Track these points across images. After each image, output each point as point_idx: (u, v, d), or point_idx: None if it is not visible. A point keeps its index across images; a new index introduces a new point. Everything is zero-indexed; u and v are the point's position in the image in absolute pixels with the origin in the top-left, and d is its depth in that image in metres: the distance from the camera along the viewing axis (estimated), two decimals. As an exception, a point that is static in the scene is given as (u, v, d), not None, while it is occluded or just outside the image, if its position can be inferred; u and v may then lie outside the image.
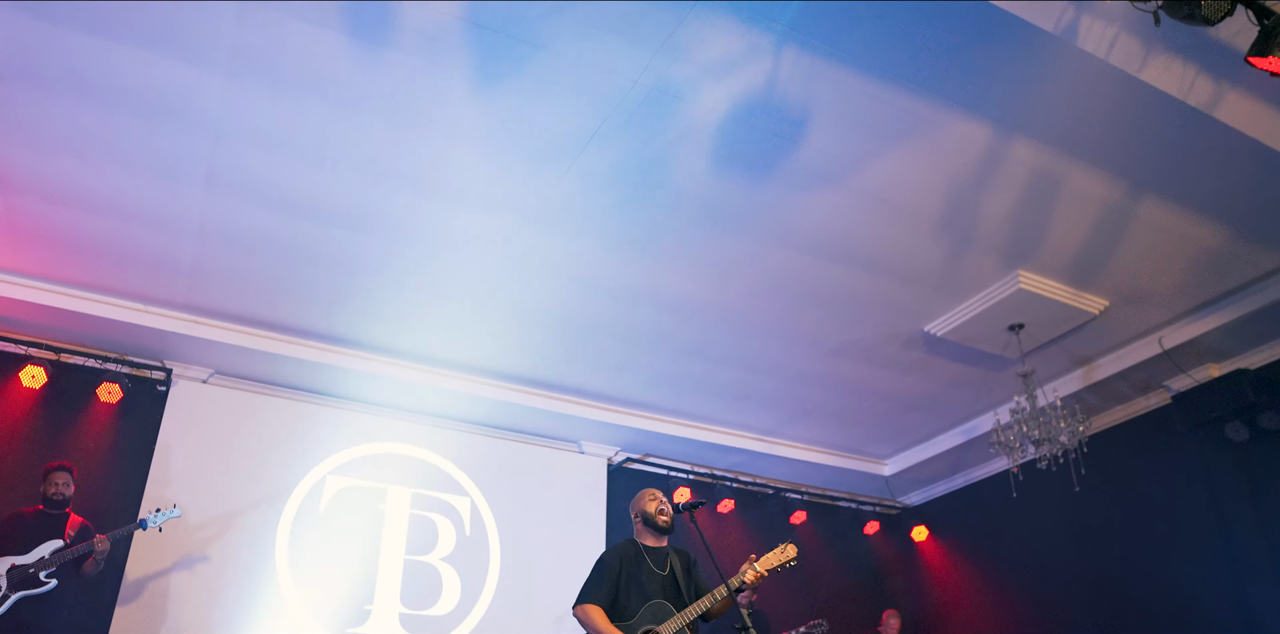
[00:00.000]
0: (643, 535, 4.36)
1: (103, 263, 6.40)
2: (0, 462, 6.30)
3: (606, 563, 4.25)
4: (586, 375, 7.79)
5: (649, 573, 4.17)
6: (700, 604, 3.95)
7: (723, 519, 8.85)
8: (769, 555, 4.08)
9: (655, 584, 4.13)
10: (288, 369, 7.46)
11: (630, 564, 4.21)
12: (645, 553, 4.27)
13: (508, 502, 8.09)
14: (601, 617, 4.05)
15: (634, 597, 4.06)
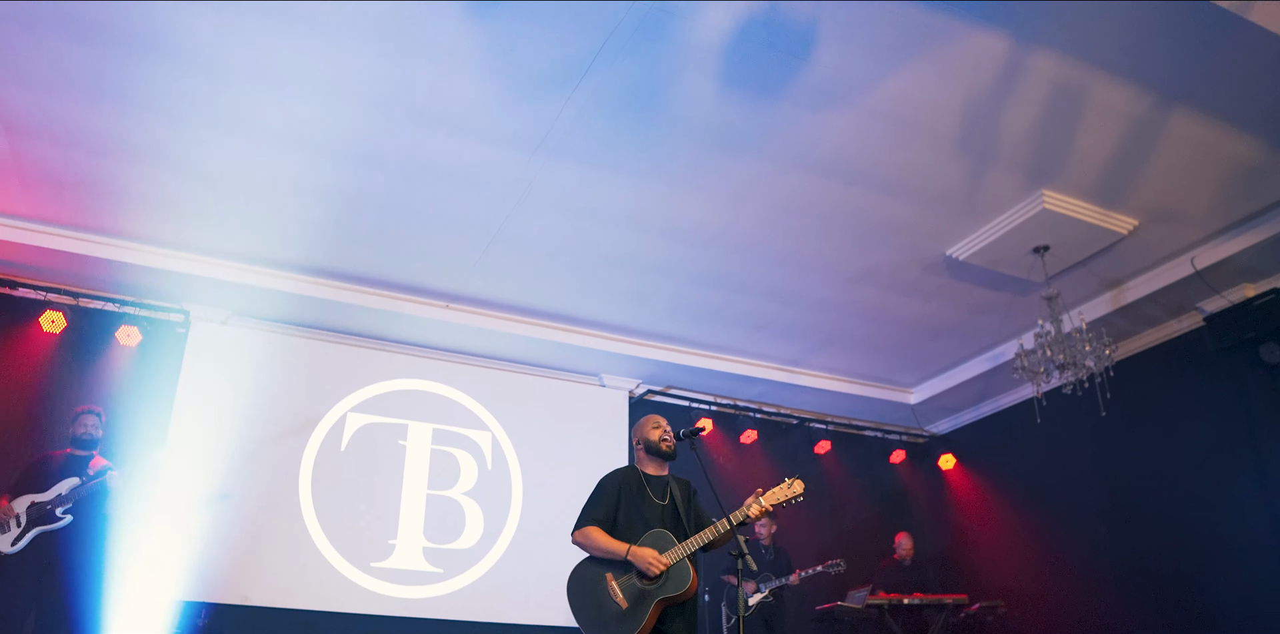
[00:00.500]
0: (644, 463, 4.31)
1: (112, 206, 6.39)
2: (24, 405, 6.39)
3: (605, 488, 4.21)
4: (603, 307, 7.73)
5: (649, 502, 4.13)
6: (703, 536, 3.91)
7: (745, 450, 8.84)
8: (775, 490, 4.01)
9: (655, 513, 4.09)
10: (305, 309, 7.49)
11: (630, 491, 4.17)
12: (646, 481, 4.21)
13: (529, 436, 8.13)
14: (602, 534, 4.03)
15: (634, 524, 4.02)
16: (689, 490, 4.32)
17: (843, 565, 7.24)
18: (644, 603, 3.80)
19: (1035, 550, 8.27)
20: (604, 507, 4.13)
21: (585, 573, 4.05)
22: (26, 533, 5.32)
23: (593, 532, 4.05)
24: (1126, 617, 7.26)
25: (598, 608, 3.89)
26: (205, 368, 7.27)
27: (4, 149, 5.80)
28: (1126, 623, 7.24)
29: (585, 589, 3.98)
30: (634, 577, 3.88)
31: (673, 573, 3.85)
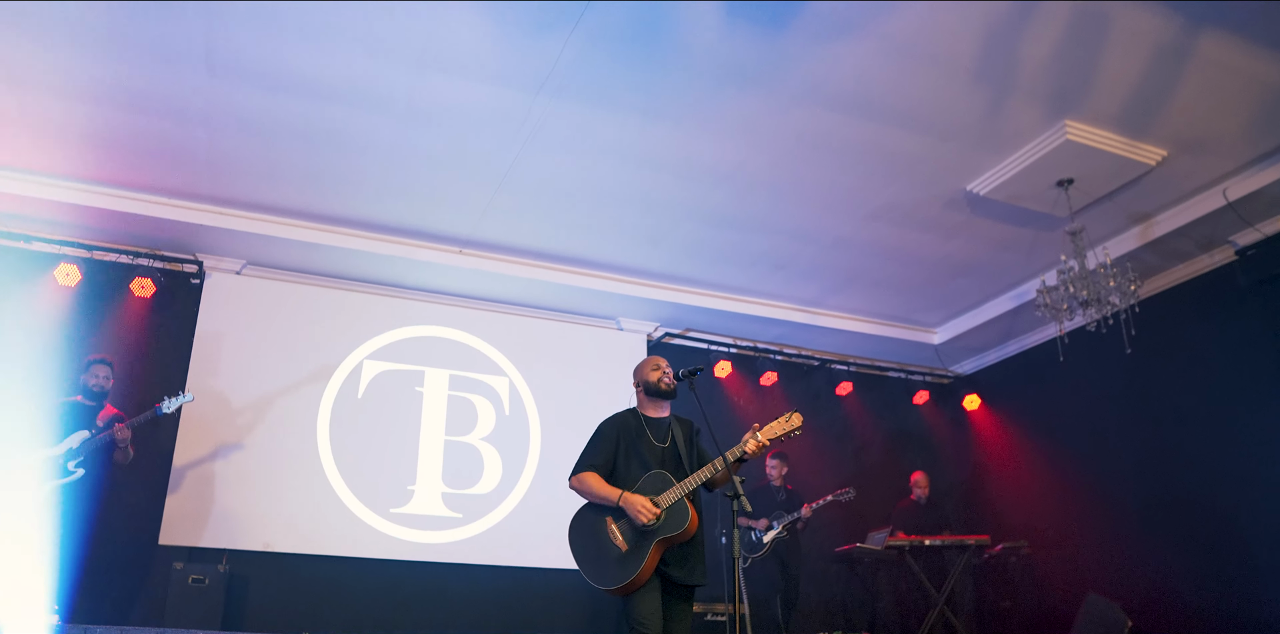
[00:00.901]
0: (644, 406, 4.23)
1: (121, 157, 6.36)
2: (39, 358, 6.42)
3: (603, 432, 4.15)
4: (618, 250, 7.63)
5: (649, 444, 4.05)
6: (699, 475, 3.83)
7: (765, 392, 8.78)
8: (772, 424, 3.92)
9: (655, 455, 4.02)
10: (319, 257, 7.46)
11: (629, 435, 4.09)
12: (646, 424, 4.13)
13: (546, 381, 8.11)
14: (598, 479, 3.98)
15: (633, 467, 3.96)
16: (691, 431, 4.23)
17: (852, 493, 7.19)
18: (643, 544, 3.76)
19: (1061, 491, 8.18)
20: (602, 451, 4.07)
21: (586, 517, 4.01)
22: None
23: (588, 477, 4.00)
24: (1156, 557, 7.18)
25: (598, 551, 3.85)
26: (221, 318, 7.30)
27: (9, 103, 5.76)
28: (1156, 563, 7.16)
29: (586, 533, 3.95)
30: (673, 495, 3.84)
31: (671, 513, 3.78)
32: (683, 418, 4.29)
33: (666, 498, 3.82)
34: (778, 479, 7.61)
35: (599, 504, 3.99)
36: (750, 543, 7.24)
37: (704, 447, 4.20)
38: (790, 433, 3.91)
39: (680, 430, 4.17)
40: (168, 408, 5.66)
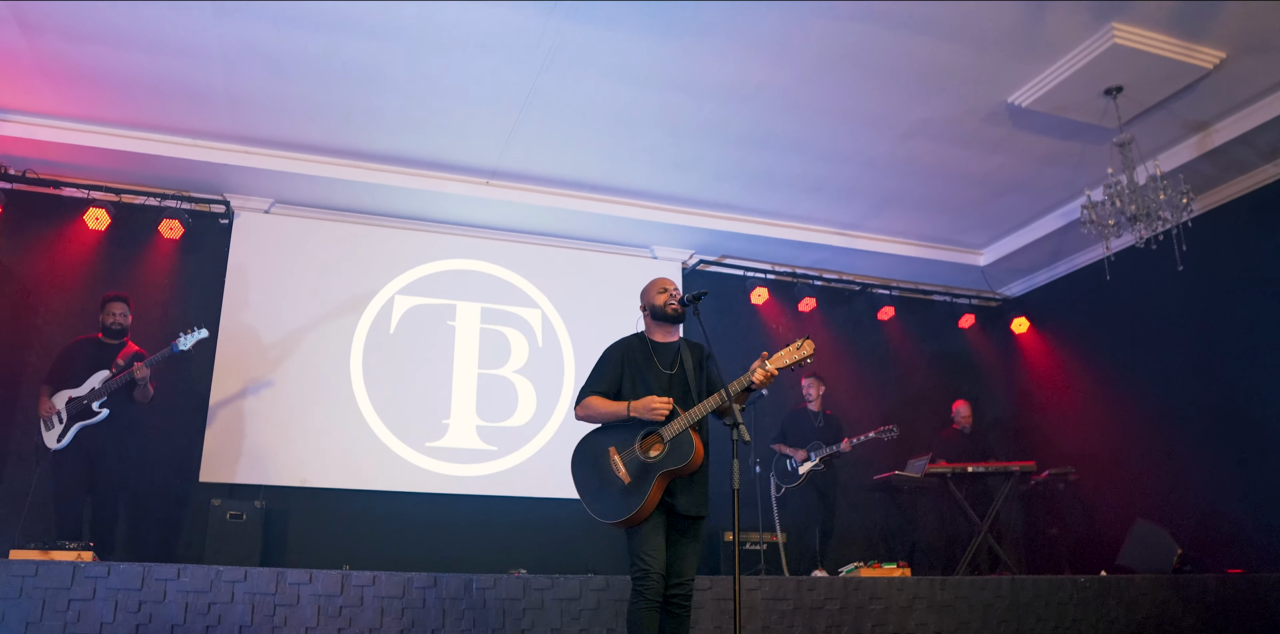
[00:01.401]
0: (652, 330, 4.03)
1: (141, 99, 6.31)
2: (72, 302, 6.47)
3: (608, 358, 3.97)
4: (648, 176, 7.41)
5: (655, 370, 3.87)
6: (705, 405, 3.65)
7: (804, 318, 8.57)
8: (781, 353, 3.70)
9: (662, 382, 3.82)
10: (346, 193, 7.39)
11: (636, 360, 3.91)
12: (653, 349, 3.94)
13: (580, 312, 8.00)
14: (602, 399, 3.82)
15: (639, 394, 3.78)
16: (701, 356, 4.01)
17: (895, 431, 7.02)
18: (647, 477, 3.62)
19: (1111, 416, 7.90)
20: (606, 378, 3.91)
21: (588, 448, 3.87)
22: (69, 429, 5.45)
23: (593, 400, 3.84)
24: (1209, 483, 6.93)
25: (601, 483, 3.73)
26: (251, 257, 7.30)
27: (25, 50, 5.71)
28: (1209, 490, 6.92)
29: (588, 465, 3.82)
30: (636, 449, 3.69)
31: (675, 444, 3.63)
32: (694, 342, 4.07)
33: (671, 429, 3.66)
34: (815, 403, 7.43)
35: (601, 433, 3.84)
36: (786, 472, 7.14)
37: (715, 373, 4.00)
38: (802, 361, 3.70)
39: (690, 356, 3.97)
40: (184, 344, 5.66)
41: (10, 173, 6.74)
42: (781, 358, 3.67)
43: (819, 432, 7.23)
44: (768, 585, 5.19)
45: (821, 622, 5.21)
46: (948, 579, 5.64)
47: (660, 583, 3.62)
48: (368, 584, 4.54)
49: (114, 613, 4.22)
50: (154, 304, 6.98)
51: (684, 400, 3.78)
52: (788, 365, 3.68)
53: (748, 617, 5.07)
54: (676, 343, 4.02)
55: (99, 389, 5.52)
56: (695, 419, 3.65)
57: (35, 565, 4.23)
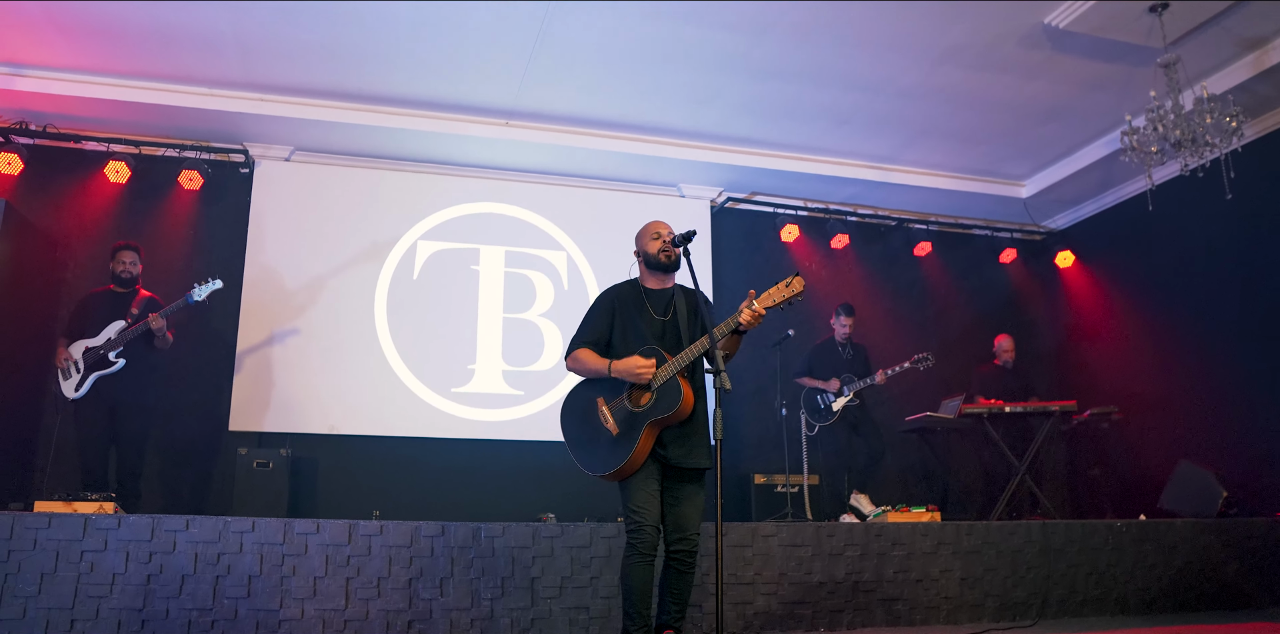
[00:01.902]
0: (645, 277, 3.88)
1: (154, 49, 6.27)
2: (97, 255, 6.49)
3: (598, 307, 3.84)
4: (670, 112, 7.20)
5: (647, 318, 3.72)
6: (691, 350, 3.50)
7: (837, 256, 8.34)
8: (771, 291, 3.50)
9: (654, 329, 3.69)
10: (365, 138, 7.31)
11: (626, 308, 3.78)
12: (645, 296, 3.80)
13: (606, 253, 7.86)
14: (590, 354, 3.70)
15: (631, 343, 3.64)
16: (696, 302, 3.84)
17: (931, 360, 6.74)
18: (635, 427, 3.50)
19: (1158, 353, 7.58)
20: (596, 327, 3.78)
21: (577, 399, 3.77)
22: (86, 378, 5.51)
23: (581, 353, 3.72)
24: (1258, 423, 6.63)
25: (589, 436, 3.63)
26: (273, 205, 7.27)
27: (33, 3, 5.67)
28: (1259, 430, 6.62)
29: (577, 417, 3.71)
30: (625, 399, 3.57)
31: (663, 392, 3.50)
32: (689, 288, 3.88)
33: (658, 376, 3.53)
34: (843, 334, 7.17)
35: (590, 384, 3.74)
36: (818, 409, 6.96)
37: (711, 319, 3.84)
38: (791, 299, 3.51)
39: (685, 302, 3.81)
40: (198, 295, 5.66)
41: (31, 128, 6.75)
42: (770, 297, 3.49)
43: (847, 364, 7.01)
44: (785, 531, 5.10)
45: (841, 568, 5.11)
46: (975, 524, 5.49)
47: (654, 536, 3.52)
48: (375, 533, 4.55)
49: (125, 564, 4.28)
50: (176, 254, 7.02)
51: (676, 348, 3.64)
52: (776, 304, 3.50)
53: (764, 563, 4.99)
54: (671, 289, 3.87)
55: (115, 339, 5.56)
56: (683, 365, 3.50)
57: (48, 518, 4.30)
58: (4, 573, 4.17)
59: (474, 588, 4.58)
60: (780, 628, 4.94)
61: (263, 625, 4.33)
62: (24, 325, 6.25)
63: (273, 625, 4.33)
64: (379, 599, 4.46)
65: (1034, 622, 5.27)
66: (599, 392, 3.66)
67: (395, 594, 4.48)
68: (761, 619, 4.92)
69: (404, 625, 4.45)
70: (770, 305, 3.48)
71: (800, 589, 5.02)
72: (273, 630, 4.33)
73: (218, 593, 4.33)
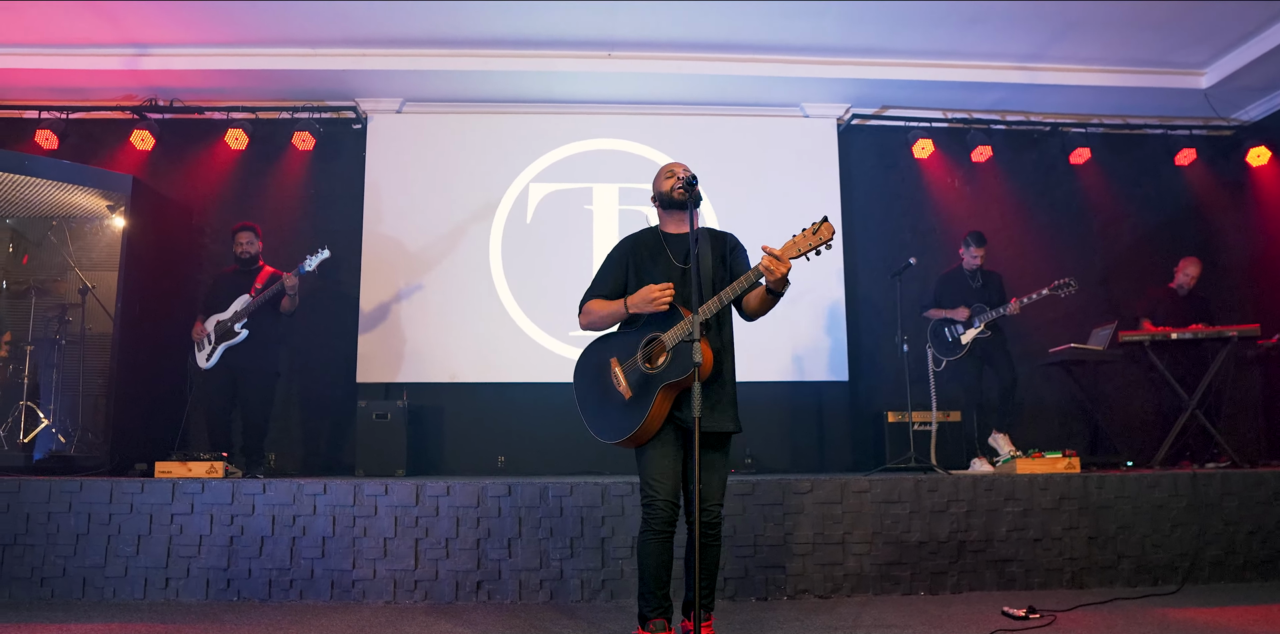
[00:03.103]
0: (664, 222, 3.52)
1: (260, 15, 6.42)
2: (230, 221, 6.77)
3: (612, 256, 3.54)
4: (785, 26, 6.66)
5: (666, 265, 3.39)
6: (708, 307, 3.15)
7: (978, 170, 7.55)
8: (796, 238, 3.03)
9: (675, 277, 3.33)
10: (471, 83, 7.26)
11: (643, 255, 3.46)
12: (665, 241, 3.47)
13: (725, 183, 7.48)
14: (600, 302, 3.44)
15: None
16: (725, 247, 3.48)
17: (1073, 285, 5.95)
18: (649, 391, 3.21)
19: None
20: (611, 279, 3.49)
21: (590, 359, 3.48)
22: (216, 349, 5.82)
23: (592, 304, 3.45)
24: None
25: (601, 399, 3.37)
26: (387, 158, 7.40)
27: None
28: None
29: (589, 379, 3.44)
30: (639, 360, 3.27)
31: (677, 353, 3.18)
32: (719, 232, 3.54)
33: (673, 334, 3.22)
34: (972, 265, 6.42)
35: (603, 343, 3.44)
36: (945, 343, 6.38)
37: (742, 264, 3.46)
38: (819, 247, 3.05)
39: (711, 247, 3.43)
40: (309, 265, 5.81)
41: (159, 104, 7.10)
42: (795, 245, 3.04)
43: (977, 293, 6.33)
44: (879, 486, 4.74)
45: (944, 526, 4.71)
46: (1106, 476, 4.90)
47: (669, 511, 3.26)
48: (442, 494, 4.59)
49: (210, 526, 4.55)
50: (297, 215, 7.30)
51: (704, 297, 3.29)
52: (802, 253, 3.06)
53: (854, 521, 4.67)
54: (692, 233, 3.46)
55: (241, 311, 5.84)
56: (696, 324, 3.17)
57: (141, 483, 4.61)
58: (106, 534, 4.53)
59: (542, 548, 4.55)
60: (874, 590, 4.63)
61: (337, 585, 4.50)
62: (169, 297, 6.68)
63: (346, 585, 4.50)
64: (447, 560, 4.53)
65: (1179, 587, 4.68)
66: (613, 351, 3.37)
67: (463, 555, 4.53)
68: (852, 581, 4.63)
69: (473, 586, 4.50)
70: (795, 255, 3.05)
71: (896, 549, 4.67)
72: (347, 590, 4.49)
73: (294, 553, 4.52)
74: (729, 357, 3.38)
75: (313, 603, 4.44)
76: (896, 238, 7.51)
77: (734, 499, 4.64)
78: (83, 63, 6.75)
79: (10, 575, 4.49)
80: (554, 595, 4.50)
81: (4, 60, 6.73)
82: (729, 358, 3.38)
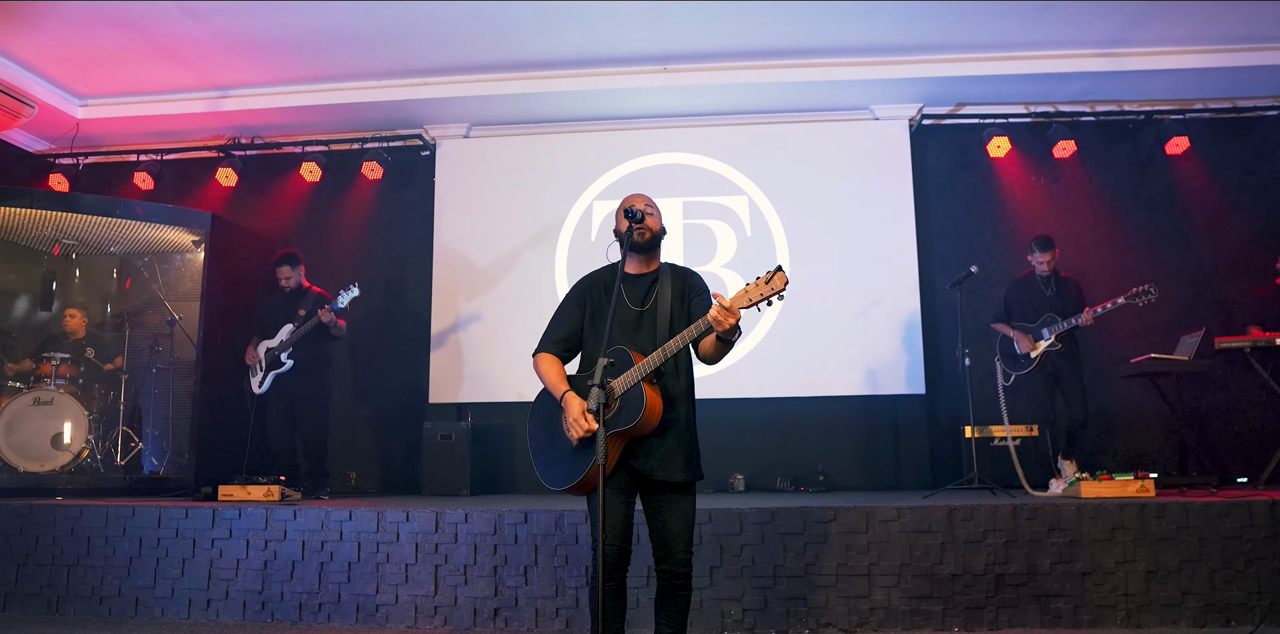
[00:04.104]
0: (627, 260, 3.35)
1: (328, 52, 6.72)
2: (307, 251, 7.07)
3: (569, 296, 3.43)
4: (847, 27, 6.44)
5: (623, 308, 3.27)
6: (653, 358, 3.04)
7: (1060, 167, 7.04)
8: (748, 288, 2.86)
9: (629, 321, 3.23)
10: (534, 104, 7.37)
11: (600, 297, 3.36)
12: (624, 282, 3.30)
13: (792, 192, 7.30)
14: (548, 367, 3.33)
15: (600, 339, 3.11)
16: (685, 286, 3.33)
17: (1154, 292, 5.47)
18: (595, 437, 3.06)
19: None
20: (565, 324, 3.40)
21: (543, 404, 3.39)
22: (267, 376, 6.08)
23: (540, 361, 3.35)
24: None
25: (550, 444, 3.27)
26: (454, 183, 7.61)
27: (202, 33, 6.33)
28: None
29: (541, 422, 3.35)
30: (590, 405, 3.02)
31: (625, 401, 3.07)
32: (682, 268, 3.39)
33: (623, 381, 3.14)
34: (1043, 270, 5.96)
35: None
36: (1013, 357, 5.98)
37: (701, 307, 3.33)
38: (770, 298, 2.93)
39: (671, 286, 3.30)
40: (342, 302, 5.94)
41: (242, 141, 7.53)
42: (745, 296, 2.93)
43: (1050, 301, 5.87)
44: (908, 515, 4.49)
45: (979, 558, 4.41)
46: (1169, 503, 4.47)
47: (617, 556, 3.10)
48: (460, 521, 4.65)
49: (246, 550, 4.77)
50: (369, 241, 7.56)
51: (653, 343, 3.20)
52: (753, 304, 2.93)
53: (882, 552, 4.44)
54: (654, 272, 3.36)
55: (286, 341, 6.05)
56: (646, 372, 3.09)
57: (185, 509, 4.88)
58: (155, 557, 4.83)
59: (558, 576, 4.55)
60: (903, 625, 4.39)
61: (362, 609, 4.63)
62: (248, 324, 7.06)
63: (371, 609, 4.62)
64: (466, 586, 4.59)
65: (1255, 629, 4.22)
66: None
67: (481, 581, 4.57)
68: (880, 615, 4.40)
69: (490, 612, 4.54)
70: (745, 305, 2.93)
71: (927, 582, 4.41)
72: (371, 614, 4.61)
73: (323, 578, 4.69)
74: (685, 403, 3.27)
75: (339, 626, 4.59)
76: (977, 241, 7.12)
77: (752, 528, 4.51)
78: (171, 108, 7.25)
79: (74, 594, 4.85)
80: (570, 624, 4.48)
81: (105, 110, 7.31)
82: (686, 404, 3.27)
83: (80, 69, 6.83)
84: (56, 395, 6.24)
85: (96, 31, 6.27)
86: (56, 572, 4.89)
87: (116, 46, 6.48)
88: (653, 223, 3.36)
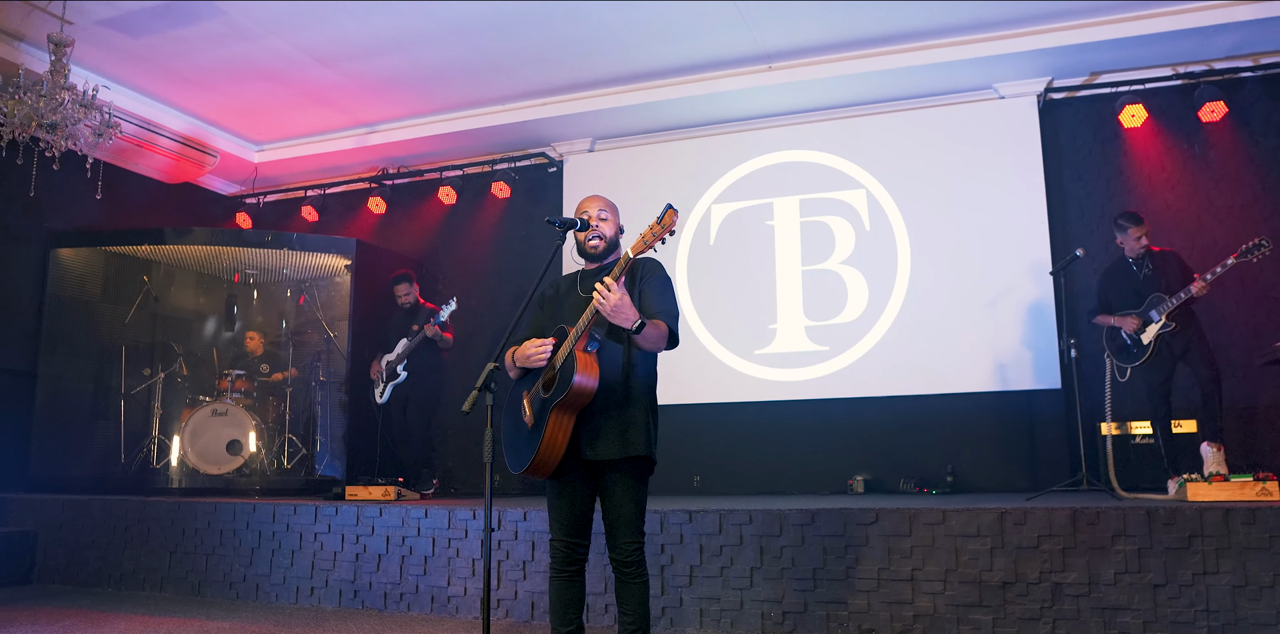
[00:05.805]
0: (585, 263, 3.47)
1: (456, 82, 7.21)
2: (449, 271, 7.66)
3: (532, 298, 3.42)
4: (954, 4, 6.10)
5: (574, 299, 3.32)
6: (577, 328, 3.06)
7: (1207, 132, 6.26)
8: (640, 238, 2.99)
9: (577, 310, 3.21)
10: (649, 114, 7.55)
11: (559, 294, 3.44)
12: (580, 277, 3.41)
13: (913, 182, 7.01)
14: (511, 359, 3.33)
15: (550, 329, 3.28)
16: (638, 274, 3.35)
17: (1266, 245, 4.72)
18: (543, 415, 3.11)
19: None
20: (529, 322, 3.45)
21: (513, 394, 3.41)
22: (387, 387, 6.62)
23: (508, 355, 3.37)
24: None
25: (514, 430, 3.31)
26: (581, 196, 7.75)
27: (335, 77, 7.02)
28: None
29: (509, 414, 3.39)
30: (539, 387, 3.19)
31: (561, 372, 3.09)
32: (644, 259, 3.35)
33: (559, 355, 3.13)
34: (1135, 250, 5.32)
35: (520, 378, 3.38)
36: (1123, 348, 5.35)
37: (649, 293, 3.32)
38: (662, 236, 2.98)
39: (630, 273, 3.33)
40: (443, 316, 6.34)
41: (389, 171, 8.22)
42: (641, 241, 2.99)
43: (1148, 282, 5.23)
44: (955, 519, 4.22)
45: (1034, 565, 4.07)
46: (1260, 509, 3.91)
47: (567, 550, 3.20)
48: (520, 520, 4.87)
49: (341, 544, 5.23)
50: (501, 257, 7.96)
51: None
52: (646, 249, 2.99)
53: (925, 556, 4.21)
54: (608, 266, 3.34)
55: (401, 354, 6.59)
56: (579, 335, 3.11)
57: (294, 506, 5.43)
58: (270, 549, 5.40)
59: (607, 573, 4.64)
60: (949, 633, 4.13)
61: (436, 599, 4.96)
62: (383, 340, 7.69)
63: (443, 600, 4.94)
64: (525, 581, 4.79)
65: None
66: (524, 386, 3.33)
67: (537, 577, 4.76)
68: (924, 622, 4.17)
69: (545, 607, 4.71)
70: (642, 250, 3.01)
71: (974, 589, 4.13)
72: (444, 604, 4.94)
73: (403, 570, 5.06)
74: (626, 377, 3.22)
75: (417, 615, 4.94)
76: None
77: (792, 529, 4.41)
78: (328, 146, 8.05)
79: (211, 579, 5.52)
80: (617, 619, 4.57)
81: (277, 153, 8.24)
82: (626, 378, 3.22)
83: (249, 119, 7.76)
84: (231, 407, 7.09)
85: (250, 86, 7.12)
86: (198, 559, 5.59)
87: (271, 96, 7.31)
88: (606, 228, 3.44)
